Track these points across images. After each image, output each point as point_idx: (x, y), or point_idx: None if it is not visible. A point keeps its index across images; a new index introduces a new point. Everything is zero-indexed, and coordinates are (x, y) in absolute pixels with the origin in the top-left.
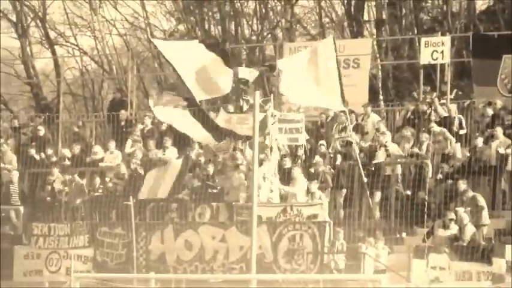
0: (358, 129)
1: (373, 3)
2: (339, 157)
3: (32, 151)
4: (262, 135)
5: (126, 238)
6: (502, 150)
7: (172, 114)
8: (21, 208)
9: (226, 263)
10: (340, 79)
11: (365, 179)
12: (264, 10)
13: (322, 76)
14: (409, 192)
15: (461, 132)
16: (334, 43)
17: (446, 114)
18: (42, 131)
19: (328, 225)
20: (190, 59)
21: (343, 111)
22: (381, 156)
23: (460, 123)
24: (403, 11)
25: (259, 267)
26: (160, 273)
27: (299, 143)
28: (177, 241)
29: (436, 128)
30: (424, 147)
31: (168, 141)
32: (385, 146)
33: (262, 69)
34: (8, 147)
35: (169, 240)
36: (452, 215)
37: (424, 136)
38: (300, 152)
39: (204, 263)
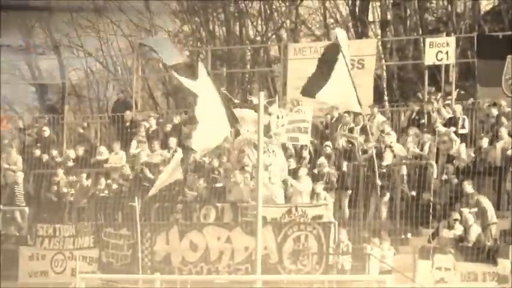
0: (364, 130)
1: (378, 3)
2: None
3: (37, 152)
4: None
5: (131, 239)
6: (510, 152)
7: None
8: (26, 209)
9: (231, 264)
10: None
11: (379, 182)
12: (268, 11)
13: (338, 76)
14: (414, 193)
15: (462, 131)
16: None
17: (451, 115)
18: (47, 132)
19: (333, 226)
20: None
21: (347, 112)
22: (388, 157)
23: (463, 123)
24: (408, 11)
25: (264, 268)
26: (166, 274)
27: (300, 143)
28: (182, 242)
29: (441, 128)
30: (426, 147)
31: (173, 142)
32: (390, 146)
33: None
34: (13, 148)
35: (175, 241)
36: (457, 216)
37: (426, 137)
38: (305, 153)
39: (209, 263)
